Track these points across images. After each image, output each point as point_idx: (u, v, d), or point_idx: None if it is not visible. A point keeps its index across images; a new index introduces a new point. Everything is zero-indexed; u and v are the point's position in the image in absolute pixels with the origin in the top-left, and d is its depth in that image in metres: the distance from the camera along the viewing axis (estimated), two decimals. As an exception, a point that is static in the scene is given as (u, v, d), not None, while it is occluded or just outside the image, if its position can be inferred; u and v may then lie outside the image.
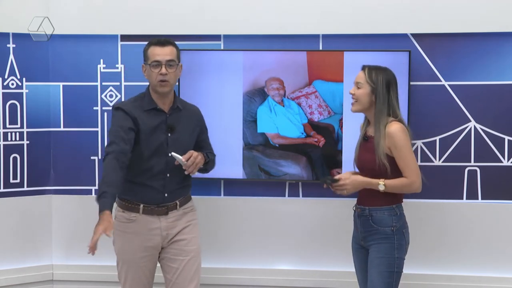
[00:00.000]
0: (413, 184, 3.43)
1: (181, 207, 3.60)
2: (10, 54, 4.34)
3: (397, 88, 3.50)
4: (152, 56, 3.48)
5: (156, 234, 3.54)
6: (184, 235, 3.58)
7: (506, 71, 4.15)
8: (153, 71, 3.47)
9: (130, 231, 3.54)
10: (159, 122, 3.51)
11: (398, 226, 3.46)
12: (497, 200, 4.22)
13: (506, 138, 4.18)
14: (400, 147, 3.41)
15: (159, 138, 3.50)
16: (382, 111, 3.45)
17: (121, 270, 3.60)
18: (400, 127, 3.42)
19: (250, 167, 4.29)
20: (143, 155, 3.48)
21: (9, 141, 4.37)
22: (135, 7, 4.34)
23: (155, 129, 3.50)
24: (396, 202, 3.50)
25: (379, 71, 3.48)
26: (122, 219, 3.55)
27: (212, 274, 4.37)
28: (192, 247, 3.60)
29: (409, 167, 3.42)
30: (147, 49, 3.52)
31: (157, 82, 3.47)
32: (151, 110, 3.51)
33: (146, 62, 3.52)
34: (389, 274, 3.43)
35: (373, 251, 3.48)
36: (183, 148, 3.54)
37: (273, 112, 4.26)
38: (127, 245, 3.55)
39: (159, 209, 3.53)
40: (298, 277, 4.36)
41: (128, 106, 3.49)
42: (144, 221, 3.52)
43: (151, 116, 3.50)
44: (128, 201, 3.54)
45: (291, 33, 4.26)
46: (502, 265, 4.24)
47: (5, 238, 4.38)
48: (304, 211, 4.35)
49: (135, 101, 3.55)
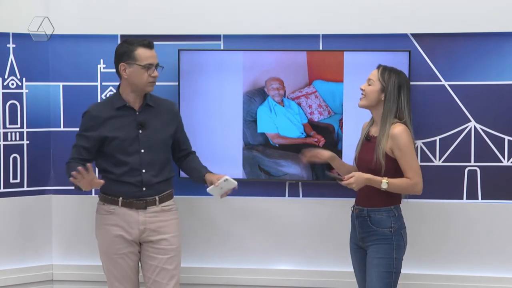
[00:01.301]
0: (416, 186, 3.44)
1: (161, 204, 3.69)
2: (10, 54, 4.34)
3: (409, 93, 3.53)
4: (144, 58, 3.60)
5: (134, 227, 3.64)
6: (163, 235, 3.68)
7: (506, 71, 4.15)
8: (145, 73, 3.59)
9: (110, 223, 3.66)
10: (129, 119, 3.64)
11: (396, 227, 3.47)
12: (497, 200, 4.22)
13: (506, 138, 4.18)
14: (405, 149, 3.42)
15: (130, 135, 3.62)
16: (391, 111, 3.47)
17: (104, 265, 3.73)
18: (404, 129, 3.44)
19: (250, 167, 4.29)
20: (116, 152, 3.62)
21: (9, 141, 4.37)
22: (135, 7, 4.34)
23: (126, 126, 3.63)
24: (395, 203, 3.50)
25: (392, 72, 3.52)
26: (102, 211, 3.70)
27: (212, 274, 4.37)
28: (171, 246, 3.70)
29: (413, 168, 3.43)
30: (133, 50, 3.59)
31: (148, 82, 3.62)
32: (121, 108, 3.65)
33: (133, 62, 3.59)
34: (387, 275, 3.44)
35: (371, 252, 3.48)
36: (157, 144, 3.67)
37: (273, 112, 4.26)
38: (106, 237, 3.67)
39: (137, 202, 3.64)
40: (298, 277, 4.36)
41: (97, 109, 3.71)
42: (122, 214, 3.65)
43: (120, 114, 3.65)
44: (107, 194, 3.68)
45: (291, 33, 4.26)
46: (502, 265, 4.23)
47: (5, 238, 4.38)
48: (304, 211, 4.35)
49: (105, 101, 3.79)
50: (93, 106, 3.75)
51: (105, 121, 3.64)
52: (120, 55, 3.63)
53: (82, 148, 3.67)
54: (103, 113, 3.66)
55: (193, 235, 4.37)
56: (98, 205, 3.76)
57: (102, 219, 3.71)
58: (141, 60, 3.59)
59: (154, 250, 3.68)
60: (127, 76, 3.62)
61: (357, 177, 3.43)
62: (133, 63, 3.59)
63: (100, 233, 3.73)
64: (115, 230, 3.65)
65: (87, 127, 3.68)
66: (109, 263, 3.71)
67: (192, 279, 4.34)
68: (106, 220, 3.69)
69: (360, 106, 3.58)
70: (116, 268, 3.69)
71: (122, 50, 3.64)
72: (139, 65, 3.58)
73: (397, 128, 3.44)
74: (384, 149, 3.44)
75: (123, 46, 3.65)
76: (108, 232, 3.67)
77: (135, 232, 3.65)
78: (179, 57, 4.24)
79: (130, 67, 3.60)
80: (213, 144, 4.29)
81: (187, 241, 4.28)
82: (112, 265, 3.70)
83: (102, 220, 3.71)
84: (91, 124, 3.66)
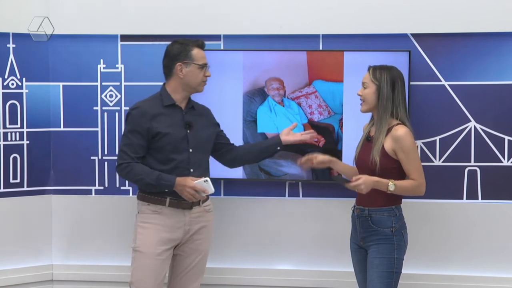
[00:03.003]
0: (421, 186, 3.44)
1: (203, 204, 3.67)
2: (10, 54, 4.34)
3: (404, 86, 3.50)
4: (201, 58, 3.61)
5: (179, 227, 3.59)
6: (200, 235, 3.66)
7: (506, 71, 4.15)
8: (201, 72, 3.60)
9: (155, 222, 3.57)
10: (177, 118, 3.61)
11: (397, 227, 3.46)
12: (497, 200, 4.22)
13: (506, 138, 4.18)
14: (409, 151, 3.41)
15: (180, 133, 3.59)
16: (386, 109, 3.45)
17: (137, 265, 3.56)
18: (407, 130, 3.43)
19: (250, 167, 4.29)
20: (165, 150, 3.56)
21: (9, 141, 4.37)
22: (135, 7, 4.34)
23: (175, 124, 3.59)
24: (396, 203, 3.50)
25: (383, 69, 3.49)
26: (147, 211, 3.59)
27: (212, 274, 4.37)
28: (204, 247, 3.70)
29: (418, 170, 3.43)
30: (190, 50, 3.58)
31: (202, 82, 3.62)
32: (170, 106, 3.61)
33: (191, 62, 3.57)
34: (388, 275, 3.43)
35: (372, 252, 3.48)
36: (203, 145, 3.67)
37: (273, 112, 4.26)
38: (148, 237, 3.56)
39: (185, 202, 3.58)
40: (298, 277, 4.36)
41: (146, 105, 3.60)
42: (169, 214, 3.58)
43: (169, 112, 3.60)
44: (154, 194, 3.58)
45: (291, 33, 4.26)
46: (502, 265, 4.23)
47: (5, 238, 4.38)
48: (304, 211, 4.35)
49: (153, 98, 3.66)
50: (140, 103, 3.62)
51: (155, 117, 3.56)
52: (176, 55, 3.58)
53: (137, 145, 3.54)
54: (153, 109, 3.57)
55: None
56: (140, 206, 3.62)
57: (147, 218, 3.58)
58: (198, 60, 3.59)
59: (189, 250, 3.64)
60: (183, 75, 3.58)
61: (364, 179, 3.41)
62: (191, 63, 3.58)
63: (142, 233, 3.58)
64: (161, 231, 3.56)
65: (138, 122, 3.55)
66: (145, 263, 3.56)
67: (192, 279, 4.34)
68: (151, 219, 3.57)
69: (363, 112, 3.55)
70: (151, 270, 3.56)
71: (177, 50, 3.59)
72: (196, 65, 3.58)
73: (400, 130, 3.42)
74: (379, 149, 3.43)
75: (178, 46, 3.60)
76: (152, 232, 3.56)
77: (180, 232, 3.59)
78: (179, 57, 4.24)
79: (187, 66, 3.57)
80: (213, 144, 4.29)
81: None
82: (148, 266, 3.55)
83: (147, 220, 3.58)
84: (143, 120, 3.55)
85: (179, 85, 3.62)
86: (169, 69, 3.61)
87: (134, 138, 3.55)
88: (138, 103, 3.63)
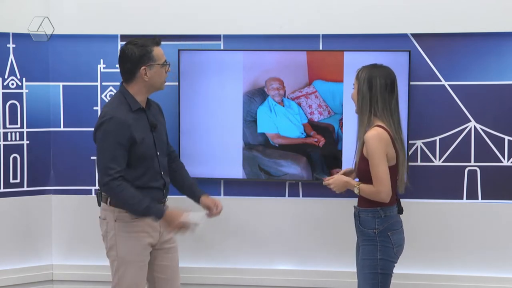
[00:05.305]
0: (379, 194, 3.32)
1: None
2: (10, 54, 4.34)
3: (384, 85, 3.35)
4: (161, 56, 3.47)
5: (156, 231, 3.53)
6: (169, 235, 3.60)
7: (506, 71, 4.15)
8: (163, 71, 3.48)
9: (136, 230, 3.47)
10: (144, 122, 3.48)
11: (381, 229, 3.37)
12: (497, 200, 4.22)
13: (506, 138, 4.18)
14: (372, 155, 3.31)
15: (150, 138, 3.48)
16: (362, 109, 3.39)
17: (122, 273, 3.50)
18: (376, 134, 3.31)
19: (250, 167, 4.29)
20: (140, 158, 3.43)
21: (9, 141, 4.37)
22: (135, 7, 4.34)
23: (144, 129, 3.46)
24: (381, 205, 3.38)
25: (364, 68, 3.42)
26: (125, 219, 3.45)
27: (212, 274, 4.37)
28: (174, 244, 3.64)
29: (376, 176, 3.30)
30: (151, 51, 3.43)
31: (164, 80, 3.51)
32: (137, 111, 3.46)
33: (154, 63, 3.44)
34: (373, 276, 3.37)
35: (360, 253, 3.45)
36: (165, 145, 3.58)
37: (273, 112, 4.26)
38: (135, 245, 3.48)
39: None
40: (298, 277, 4.36)
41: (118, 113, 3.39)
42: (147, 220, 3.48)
43: (138, 117, 3.45)
44: None
45: (291, 33, 4.26)
46: (502, 265, 4.23)
47: (5, 238, 4.38)
48: (304, 211, 4.35)
49: (120, 104, 3.45)
50: (111, 112, 3.39)
51: (130, 125, 3.38)
52: (139, 58, 3.42)
53: (122, 158, 3.36)
54: (126, 117, 3.39)
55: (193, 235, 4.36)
56: (118, 213, 3.45)
57: (127, 227, 3.45)
58: (159, 59, 3.46)
59: (165, 251, 3.60)
60: (148, 78, 3.44)
61: (336, 179, 3.41)
62: (153, 64, 3.44)
63: (123, 242, 3.47)
64: (144, 237, 3.48)
65: (119, 134, 3.35)
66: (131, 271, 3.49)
67: (192, 279, 4.34)
68: (131, 227, 3.45)
69: (356, 113, 3.50)
70: (138, 276, 3.51)
71: (139, 53, 3.41)
72: (158, 65, 3.46)
73: (369, 132, 3.33)
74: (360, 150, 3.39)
75: (139, 49, 3.42)
76: (137, 240, 3.47)
77: (156, 235, 3.53)
78: (179, 57, 4.24)
79: (151, 68, 3.44)
80: (213, 144, 4.29)
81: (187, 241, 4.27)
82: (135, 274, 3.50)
83: (127, 228, 3.45)
84: (122, 130, 3.36)
85: (143, 87, 3.46)
86: (132, 73, 3.43)
87: (118, 150, 3.36)
88: (108, 111, 3.40)
